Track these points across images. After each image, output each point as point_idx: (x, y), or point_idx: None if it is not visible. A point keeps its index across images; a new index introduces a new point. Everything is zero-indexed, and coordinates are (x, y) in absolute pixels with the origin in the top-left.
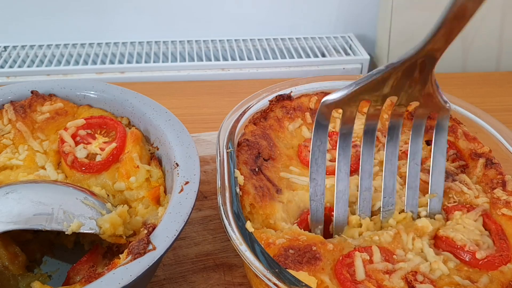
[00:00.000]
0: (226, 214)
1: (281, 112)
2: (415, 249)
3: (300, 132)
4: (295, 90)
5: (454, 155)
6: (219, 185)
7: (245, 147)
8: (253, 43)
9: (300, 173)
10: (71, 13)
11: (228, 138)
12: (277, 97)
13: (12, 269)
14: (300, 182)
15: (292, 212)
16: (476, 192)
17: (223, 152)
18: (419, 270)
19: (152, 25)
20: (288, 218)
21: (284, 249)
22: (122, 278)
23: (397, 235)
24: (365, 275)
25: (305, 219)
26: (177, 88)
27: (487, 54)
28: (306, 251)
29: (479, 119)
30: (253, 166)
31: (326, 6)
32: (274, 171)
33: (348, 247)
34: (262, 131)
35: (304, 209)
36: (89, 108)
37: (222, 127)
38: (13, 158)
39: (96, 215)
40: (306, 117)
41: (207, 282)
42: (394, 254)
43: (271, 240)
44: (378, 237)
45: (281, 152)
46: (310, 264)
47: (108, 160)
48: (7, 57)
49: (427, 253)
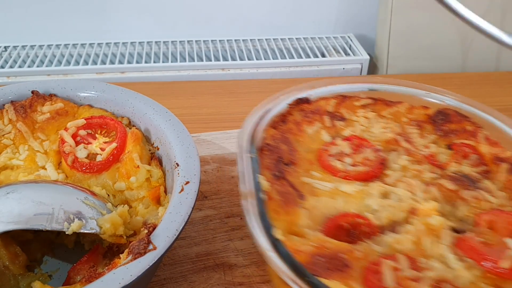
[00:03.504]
0: (253, 221)
1: (300, 116)
2: (437, 255)
3: (319, 136)
4: (313, 93)
5: (476, 159)
6: (243, 190)
7: (266, 151)
8: (253, 43)
9: (322, 178)
10: (71, 13)
11: (249, 142)
12: (296, 100)
13: (12, 269)
14: (322, 188)
15: (317, 219)
16: (501, 200)
17: (245, 157)
18: (445, 278)
19: (152, 25)
20: (313, 225)
21: (312, 256)
22: (122, 278)
23: (419, 238)
24: (394, 282)
25: (330, 226)
26: (177, 88)
27: (487, 54)
28: (335, 258)
29: (498, 122)
30: (275, 171)
31: (326, 6)
32: (296, 176)
33: (374, 255)
34: (282, 135)
35: (328, 216)
36: (90, 108)
37: (242, 131)
38: (13, 158)
39: (97, 215)
40: (325, 121)
41: (207, 282)
42: (418, 262)
43: (298, 247)
44: (400, 244)
45: (301, 156)
46: (340, 271)
47: (109, 160)
48: (7, 57)
49: (448, 259)
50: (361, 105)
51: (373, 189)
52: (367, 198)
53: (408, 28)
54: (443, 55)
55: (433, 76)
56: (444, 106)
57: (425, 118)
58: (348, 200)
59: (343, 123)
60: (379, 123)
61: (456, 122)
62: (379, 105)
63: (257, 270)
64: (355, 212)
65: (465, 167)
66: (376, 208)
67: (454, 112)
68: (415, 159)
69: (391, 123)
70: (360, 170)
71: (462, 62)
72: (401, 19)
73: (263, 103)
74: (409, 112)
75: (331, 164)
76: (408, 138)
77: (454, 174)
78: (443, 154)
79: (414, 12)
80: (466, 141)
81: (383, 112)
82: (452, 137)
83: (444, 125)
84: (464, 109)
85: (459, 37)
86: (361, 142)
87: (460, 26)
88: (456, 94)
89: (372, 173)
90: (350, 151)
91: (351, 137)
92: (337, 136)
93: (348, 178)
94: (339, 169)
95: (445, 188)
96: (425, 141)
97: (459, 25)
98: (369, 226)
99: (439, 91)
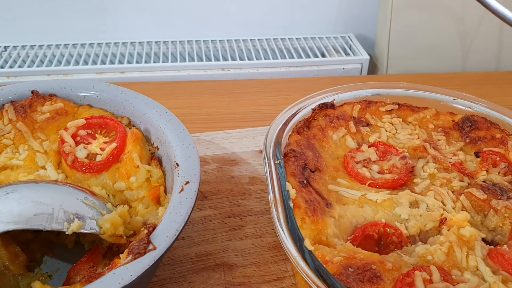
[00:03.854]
0: (282, 230)
1: (324, 121)
2: (470, 267)
3: (344, 141)
4: (338, 98)
5: (505, 168)
6: (271, 198)
7: (291, 158)
8: (253, 43)
9: (348, 185)
10: (71, 13)
11: (274, 148)
12: (320, 105)
13: (12, 269)
14: (350, 196)
15: (344, 228)
16: None
17: (272, 163)
18: None
19: (152, 25)
20: (340, 235)
21: (343, 267)
22: (122, 278)
23: (451, 250)
24: None
25: (358, 235)
26: (177, 88)
27: (487, 54)
28: (366, 269)
29: None
30: (301, 178)
31: (326, 6)
32: (322, 183)
33: (405, 266)
34: (307, 141)
35: (356, 225)
36: (90, 108)
37: (267, 137)
38: (13, 158)
39: (97, 215)
40: (350, 126)
41: (207, 282)
42: (451, 275)
43: (328, 257)
44: (432, 256)
45: (327, 163)
46: (372, 283)
47: (109, 160)
48: (7, 57)
49: (483, 272)
50: (386, 111)
51: (402, 198)
52: (396, 207)
53: (408, 28)
54: (443, 55)
55: (433, 76)
56: (472, 112)
57: (452, 124)
58: (376, 209)
59: (369, 128)
60: (406, 129)
61: (484, 129)
62: (404, 111)
63: (257, 270)
64: (384, 222)
65: (494, 176)
66: (405, 217)
67: (482, 119)
68: (443, 166)
69: (417, 130)
70: (387, 178)
71: (462, 62)
72: (401, 19)
73: (287, 108)
74: (436, 118)
75: (358, 172)
76: (436, 145)
77: (483, 183)
78: (471, 162)
79: (414, 12)
80: (495, 149)
81: (408, 118)
82: (480, 145)
83: (472, 132)
84: (492, 115)
85: (459, 37)
86: (388, 149)
87: (460, 26)
88: (484, 101)
89: (400, 181)
90: (376, 158)
91: (377, 143)
92: (362, 142)
93: (375, 186)
94: (367, 176)
95: (475, 197)
96: (453, 148)
97: (459, 25)
98: (399, 236)
99: (467, 97)
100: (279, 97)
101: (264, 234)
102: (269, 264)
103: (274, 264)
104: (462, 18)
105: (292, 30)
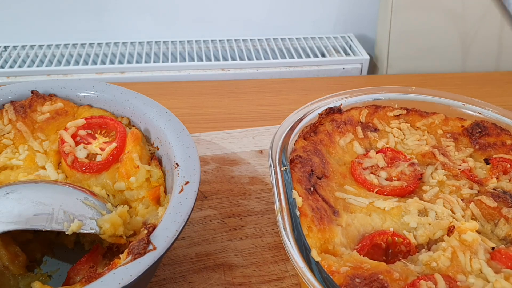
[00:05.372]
0: (289, 240)
1: (331, 126)
2: (474, 270)
3: (352, 147)
4: (345, 102)
5: None
6: (277, 207)
7: (298, 164)
8: (253, 43)
9: (356, 193)
10: (71, 13)
11: (280, 154)
12: (327, 110)
13: (12, 269)
14: (357, 204)
15: (352, 237)
16: None
17: (278, 170)
18: None
19: (152, 25)
20: (348, 243)
21: (350, 278)
22: (122, 278)
23: (454, 255)
24: None
25: (366, 245)
26: (177, 88)
27: (487, 54)
28: (373, 280)
29: None
30: (307, 185)
31: (326, 6)
32: (329, 190)
33: (412, 275)
34: (313, 146)
35: (364, 233)
36: (89, 108)
37: (273, 142)
38: (13, 158)
39: (97, 215)
40: (357, 132)
41: (207, 282)
42: (457, 281)
43: (334, 267)
44: (436, 262)
45: (334, 169)
46: None
47: (108, 160)
48: (7, 57)
49: (486, 274)
50: (394, 116)
51: (411, 206)
52: (404, 215)
53: (408, 28)
54: (443, 55)
55: (433, 76)
56: (481, 118)
57: (461, 130)
58: (384, 217)
59: (376, 134)
60: (414, 135)
61: (494, 135)
62: (412, 116)
63: (257, 270)
64: (392, 230)
65: (505, 183)
66: (414, 225)
67: (492, 125)
68: (452, 173)
69: (426, 135)
70: (396, 185)
71: (462, 62)
72: (401, 19)
73: (293, 113)
74: (445, 123)
75: (366, 178)
76: (445, 151)
77: (494, 191)
78: (481, 169)
79: (414, 12)
80: (505, 155)
81: (417, 123)
82: (490, 151)
83: (482, 138)
84: (502, 121)
85: (459, 37)
86: (396, 155)
87: (460, 26)
88: (494, 106)
89: (409, 189)
90: (384, 165)
91: (385, 149)
92: (370, 148)
93: (383, 193)
94: (374, 183)
95: (485, 205)
96: (462, 154)
97: (459, 25)
98: (407, 245)
99: (477, 102)
100: (279, 97)
101: (264, 234)
102: (269, 264)
103: (274, 264)
104: (462, 18)
105: (292, 30)
